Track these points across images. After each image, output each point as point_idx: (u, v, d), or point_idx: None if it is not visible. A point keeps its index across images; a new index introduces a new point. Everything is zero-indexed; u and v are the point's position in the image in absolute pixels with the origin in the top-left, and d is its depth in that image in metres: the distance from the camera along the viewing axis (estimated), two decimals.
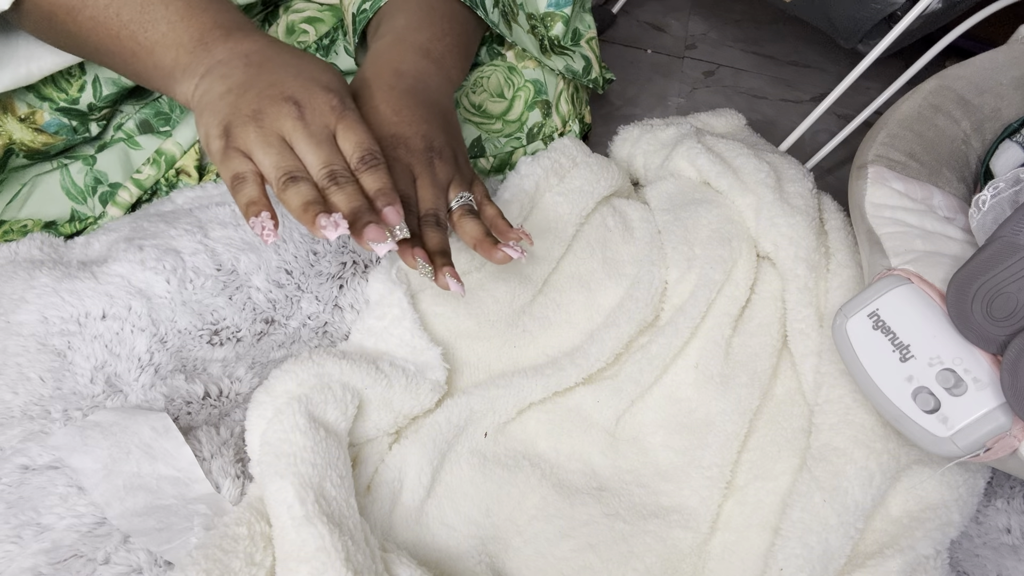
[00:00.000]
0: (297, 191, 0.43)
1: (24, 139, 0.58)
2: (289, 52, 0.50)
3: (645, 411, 0.61)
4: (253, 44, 0.49)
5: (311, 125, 0.45)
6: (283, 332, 0.56)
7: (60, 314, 0.51)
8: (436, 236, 0.51)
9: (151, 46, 0.49)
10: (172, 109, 0.65)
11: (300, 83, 0.47)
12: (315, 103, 0.46)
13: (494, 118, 0.71)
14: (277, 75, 0.47)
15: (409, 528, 0.52)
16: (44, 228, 0.62)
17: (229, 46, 0.49)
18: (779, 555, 0.52)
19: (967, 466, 0.54)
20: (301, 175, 0.44)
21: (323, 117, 0.46)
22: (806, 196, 0.67)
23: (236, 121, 0.45)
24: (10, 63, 0.54)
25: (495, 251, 0.50)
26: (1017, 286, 0.46)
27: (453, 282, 0.48)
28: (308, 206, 0.43)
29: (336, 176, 0.44)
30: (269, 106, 0.45)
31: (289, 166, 0.44)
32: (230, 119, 0.45)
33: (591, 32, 0.76)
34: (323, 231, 0.42)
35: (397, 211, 0.45)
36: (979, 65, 0.68)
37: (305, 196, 0.43)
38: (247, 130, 0.44)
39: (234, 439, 0.50)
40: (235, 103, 0.45)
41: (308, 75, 0.47)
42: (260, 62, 0.48)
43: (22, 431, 0.48)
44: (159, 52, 0.50)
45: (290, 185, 0.43)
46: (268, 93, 0.46)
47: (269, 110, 0.45)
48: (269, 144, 0.44)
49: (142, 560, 0.44)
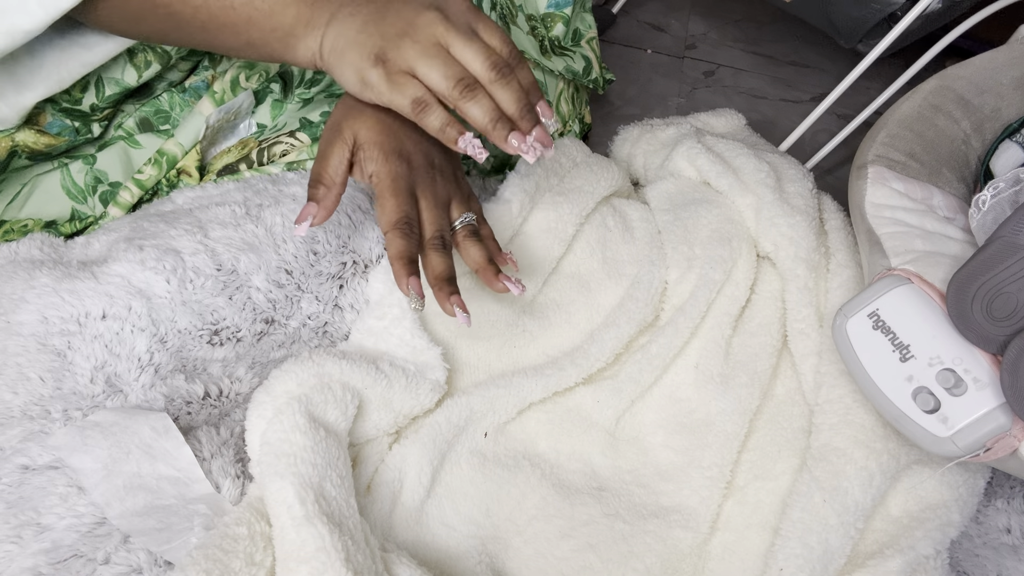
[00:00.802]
0: (479, 105, 0.45)
1: (27, 140, 0.58)
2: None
3: (645, 411, 0.61)
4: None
5: (458, 24, 0.46)
6: (283, 332, 0.56)
7: (60, 314, 0.51)
8: (442, 262, 0.51)
9: (269, 8, 0.49)
10: (172, 108, 0.65)
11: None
12: (453, 6, 0.47)
13: None
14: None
15: (409, 528, 0.52)
16: (44, 228, 0.62)
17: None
18: (779, 555, 0.52)
19: (967, 466, 0.54)
20: (472, 81, 0.45)
21: (464, 16, 0.47)
22: (806, 196, 0.67)
23: (388, 44, 0.45)
24: (40, 73, 0.54)
25: (496, 281, 0.51)
26: (1017, 286, 0.46)
27: (459, 312, 0.49)
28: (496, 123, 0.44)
29: (500, 68, 0.45)
30: (415, 17, 0.46)
31: (458, 73, 0.45)
32: (381, 44, 0.46)
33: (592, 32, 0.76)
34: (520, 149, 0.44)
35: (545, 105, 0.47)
36: (979, 65, 0.68)
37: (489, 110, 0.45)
38: (403, 47, 0.45)
39: (234, 439, 0.50)
40: (379, 30, 0.46)
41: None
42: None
43: (22, 431, 0.48)
44: (278, 12, 0.49)
45: (469, 96, 0.45)
46: (407, 10, 0.46)
47: (417, 20, 0.46)
48: (430, 55, 0.45)
49: (142, 560, 0.44)
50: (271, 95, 0.67)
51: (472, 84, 0.44)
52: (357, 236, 0.59)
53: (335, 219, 0.59)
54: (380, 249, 0.59)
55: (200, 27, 0.51)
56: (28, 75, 0.54)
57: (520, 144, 0.44)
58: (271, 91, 0.67)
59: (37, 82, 0.55)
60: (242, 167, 0.64)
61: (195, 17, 0.50)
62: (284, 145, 0.65)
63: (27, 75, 0.54)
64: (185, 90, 0.66)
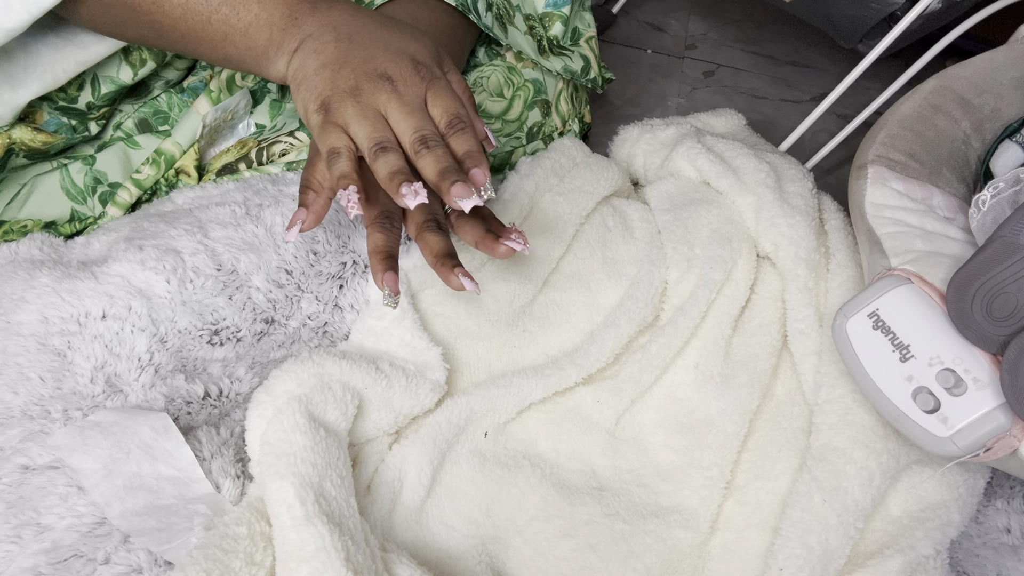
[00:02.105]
0: (385, 160, 0.46)
1: (24, 138, 0.58)
2: (375, 22, 0.51)
3: (645, 411, 0.61)
4: (340, 15, 0.51)
5: (404, 96, 0.47)
6: (283, 332, 0.56)
7: (60, 314, 0.51)
8: (439, 240, 0.51)
9: (245, 27, 0.50)
10: (171, 108, 0.65)
11: (391, 57, 0.48)
12: (407, 76, 0.48)
13: (494, 118, 0.71)
14: (369, 50, 0.49)
15: (409, 528, 0.52)
16: (44, 228, 0.62)
17: (317, 19, 0.50)
18: (779, 555, 0.52)
19: (967, 466, 0.54)
20: (391, 145, 0.46)
21: (415, 88, 0.48)
22: (806, 196, 0.67)
23: (335, 97, 0.47)
24: (35, 71, 0.55)
25: (497, 245, 0.50)
26: (1017, 286, 0.46)
27: (467, 281, 0.48)
28: (394, 175, 0.45)
29: (426, 140, 0.46)
30: (365, 83, 0.47)
31: (380, 136, 0.46)
32: (328, 95, 0.47)
33: (591, 31, 0.76)
34: (404, 199, 0.44)
35: (484, 172, 0.47)
36: (979, 65, 0.68)
37: (392, 166, 0.45)
38: (345, 105, 0.47)
39: (234, 439, 0.50)
40: (332, 79, 0.48)
41: (397, 48, 0.49)
42: (349, 35, 0.49)
43: (22, 431, 0.48)
44: (253, 33, 0.51)
45: (380, 155, 0.46)
46: (363, 69, 0.48)
47: (365, 86, 0.47)
48: (365, 117, 0.47)
49: (142, 560, 0.44)
50: (269, 95, 0.67)
51: (387, 147, 0.46)
52: (357, 236, 0.59)
53: (335, 219, 0.59)
54: None
55: (180, 37, 0.52)
56: (22, 73, 0.55)
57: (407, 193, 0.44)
58: (269, 91, 0.67)
59: (31, 80, 0.55)
60: (241, 167, 0.64)
61: (175, 27, 0.51)
62: (283, 145, 0.65)
63: (21, 73, 0.54)
64: (183, 90, 0.66)
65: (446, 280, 0.49)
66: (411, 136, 0.46)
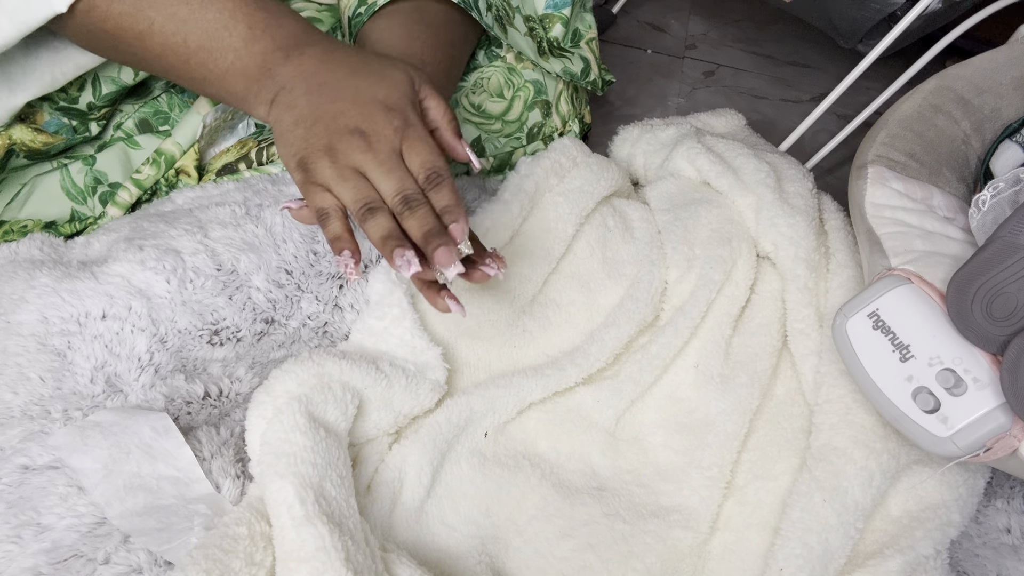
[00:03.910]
0: (376, 223, 0.46)
1: (24, 139, 0.58)
2: (344, 68, 0.50)
3: (645, 411, 0.61)
4: (310, 63, 0.50)
5: (379, 153, 0.48)
6: (283, 332, 0.56)
7: (60, 314, 0.51)
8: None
9: (221, 74, 0.51)
10: (171, 108, 0.65)
11: (361, 110, 0.48)
12: (379, 129, 0.48)
13: (494, 118, 0.71)
14: (338, 104, 0.49)
15: (409, 528, 0.52)
16: (44, 228, 0.62)
17: (289, 70, 0.50)
18: (779, 555, 0.52)
19: (967, 466, 0.54)
20: (377, 205, 0.47)
21: (389, 142, 0.48)
22: (806, 196, 0.67)
23: (310, 156, 0.48)
24: (34, 72, 0.55)
25: (473, 270, 0.51)
26: (1017, 286, 0.46)
27: (453, 303, 0.49)
28: (386, 240, 0.46)
29: (408, 201, 0.47)
30: (338, 142, 0.47)
31: (365, 197, 0.47)
32: (304, 154, 0.48)
33: (591, 33, 0.76)
34: (399, 269, 0.45)
35: (462, 228, 0.47)
36: (979, 65, 0.68)
37: (383, 229, 0.46)
38: (322, 166, 0.47)
39: (234, 439, 0.50)
40: (305, 137, 0.48)
41: (367, 96, 0.49)
42: (319, 86, 0.49)
43: (22, 431, 0.48)
44: (230, 79, 0.51)
45: (369, 217, 0.46)
46: (334, 127, 0.48)
47: (339, 146, 0.47)
48: (344, 179, 0.47)
49: (142, 560, 0.44)
50: None
51: (374, 208, 0.47)
52: (357, 236, 0.59)
53: None
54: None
55: (163, 70, 0.53)
56: (21, 74, 0.55)
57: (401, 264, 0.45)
58: None
59: (30, 82, 0.55)
60: (241, 167, 0.64)
61: (158, 61, 0.52)
62: None
63: (20, 74, 0.55)
64: (184, 91, 0.66)
65: (432, 302, 0.50)
66: (393, 197, 0.47)
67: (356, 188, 0.47)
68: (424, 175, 0.48)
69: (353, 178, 0.47)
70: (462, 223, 0.47)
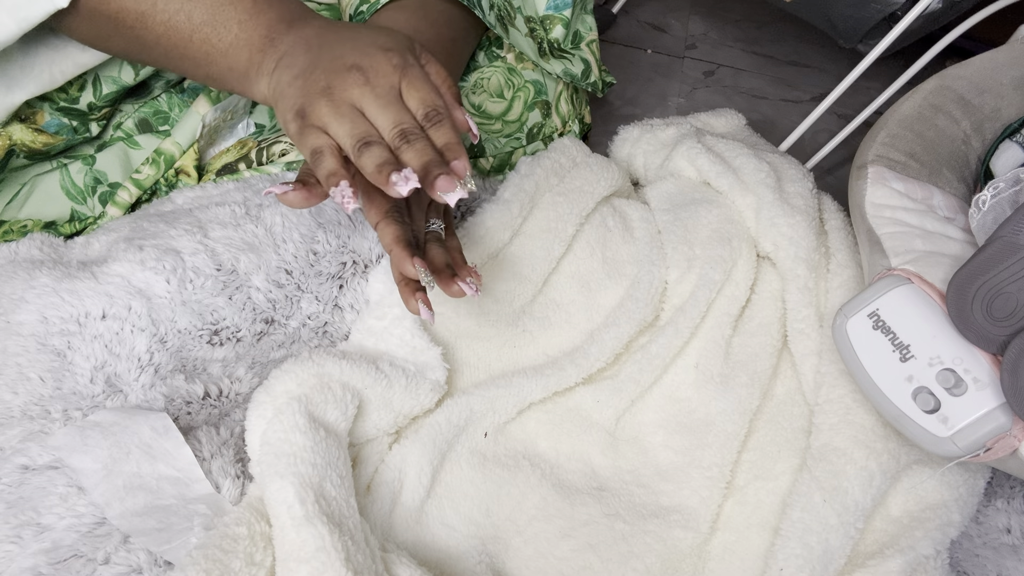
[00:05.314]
0: (371, 155, 0.45)
1: (24, 139, 0.58)
2: (346, 27, 0.50)
3: (645, 411, 0.61)
4: (312, 29, 0.50)
5: (377, 88, 0.46)
6: (283, 332, 0.56)
7: (60, 314, 0.51)
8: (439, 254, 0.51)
9: (225, 48, 0.50)
10: (171, 108, 0.65)
11: (360, 50, 0.48)
12: (377, 65, 0.47)
13: (494, 118, 0.71)
14: (337, 49, 0.48)
15: (409, 528, 0.52)
16: (44, 228, 0.62)
17: (291, 37, 0.50)
18: (779, 555, 0.52)
19: (967, 466, 0.54)
20: (373, 139, 0.45)
21: (387, 78, 0.47)
22: (806, 196, 0.67)
23: (308, 100, 0.46)
24: (33, 71, 0.55)
25: (451, 284, 0.49)
26: (1017, 286, 0.46)
27: (424, 309, 0.48)
28: (381, 168, 0.44)
29: (406, 134, 0.46)
30: (335, 79, 0.46)
31: (361, 132, 0.45)
32: (302, 100, 0.47)
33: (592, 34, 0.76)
34: (395, 187, 0.43)
35: (464, 165, 0.46)
36: (979, 65, 0.68)
37: (378, 158, 0.44)
38: (319, 105, 0.46)
39: (234, 439, 0.50)
40: (304, 85, 0.47)
41: (367, 41, 0.48)
42: (319, 43, 0.49)
43: (22, 431, 0.48)
44: (233, 54, 0.50)
45: (364, 150, 0.45)
46: (332, 67, 0.47)
47: (335, 82, 0.46)
48: (341, 114, 0.46)
49: (142, 560, 0.44)
50: None
51: (371, 142, 0.45)
52: (357, 236, 0.59)
53: (335, 219, 0.59)
54: (380, 249, 0.59)
55: (163, 54, 0.52)
56: (20, 73, 0.55)
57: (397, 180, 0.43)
58: None
59: (29, 80, 0.55)
60: (241, 167, 0.64)
61: (157, 44, 0.51)
62: (283, 145, 0.65)
63: (19, 73, 0.55)
64: (184, 90, 0.66)
65: (405, 301, 0.49)
66: (391, 131, 0.46)
67: (352, 123, 0.46)
68: (423, 112, 0.47)
69: (350, 114, 0.46)
70: (464, 160, 0.46)
